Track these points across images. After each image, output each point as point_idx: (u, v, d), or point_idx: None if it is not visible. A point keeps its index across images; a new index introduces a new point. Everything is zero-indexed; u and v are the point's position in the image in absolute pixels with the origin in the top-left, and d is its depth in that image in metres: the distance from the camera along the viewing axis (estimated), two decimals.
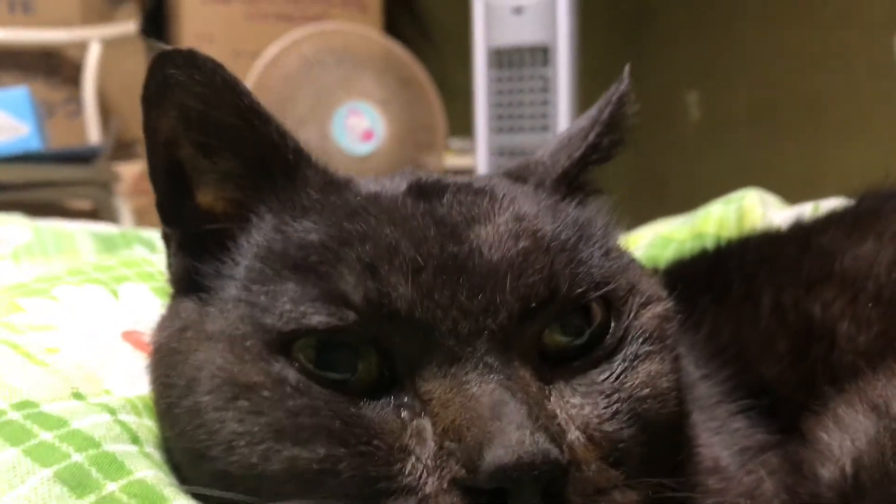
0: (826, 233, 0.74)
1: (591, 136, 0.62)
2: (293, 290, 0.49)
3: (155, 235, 1.55)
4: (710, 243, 1.08)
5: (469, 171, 3.45)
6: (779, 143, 3.56)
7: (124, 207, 2.67)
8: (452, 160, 3.55)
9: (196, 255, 0.57)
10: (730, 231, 1.10)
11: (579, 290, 0.51)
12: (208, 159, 0.56)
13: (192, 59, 0.52)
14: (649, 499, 0.49)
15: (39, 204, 2.50)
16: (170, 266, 0.60)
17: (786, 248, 0.77)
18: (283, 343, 0.48)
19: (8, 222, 1.42)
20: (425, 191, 0.55)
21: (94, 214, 2.64)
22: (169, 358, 0.53)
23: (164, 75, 0.52)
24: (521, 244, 0.51)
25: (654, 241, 1.15)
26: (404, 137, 2.97)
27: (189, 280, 0.57)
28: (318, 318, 0.47)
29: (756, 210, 1.09)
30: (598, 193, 0.64)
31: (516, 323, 0.48)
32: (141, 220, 2.81)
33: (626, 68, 0.65)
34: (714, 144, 4.00)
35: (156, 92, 0.54)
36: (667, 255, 1.12)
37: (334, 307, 0.47)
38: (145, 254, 1.39)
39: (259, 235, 0.54)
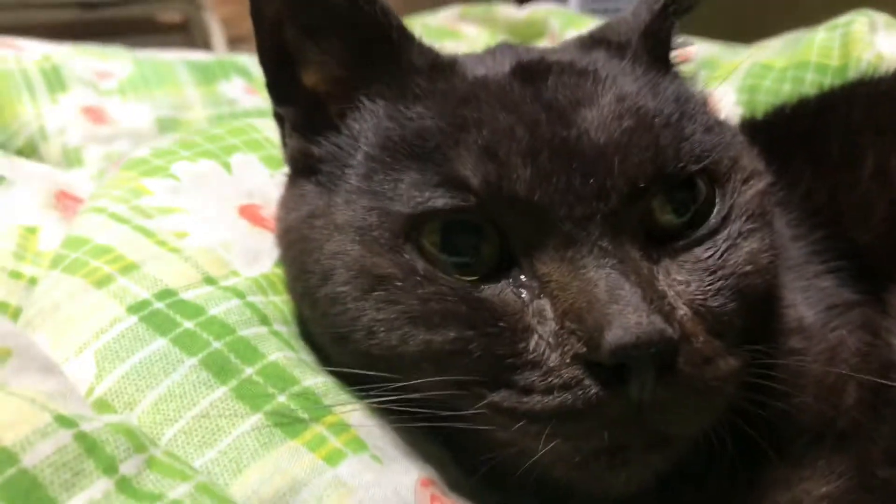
0: None
1: None
2: (415, 176, 0.52)
3: (249, 61, 1.57)
4: (811, 75, 1.04)
5: None
6: None
7: (213, 18, 2.67)
8: None
9: (310, 137, 0.60)
10: (833, 60, 1.05)
11: (683, 165, 0.53)
12: (313, 41, 0.58)
13: None
14: (746, 363, 0.53)
15: (130, 20, 2.53)
16: (285, 146, 0.64)
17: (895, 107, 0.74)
18: (409, 229, 0.51)
19: (110, 56, 1.46)
20: (530, 73, 0.56)
21: (184, 27, 2.65)
22: (302, 244, 0.57)
23: None
24: (626, 124, 0.52)
25: (752, 69, 1.11)
26: None
27: (305, 162, 0.60)
28: (441, 200, 0.50)
29: (863, 38, 1.02)
30: (686, 60, 0.63)
31: (626, 204, 0.50)
32: (230, 29, 2.82)
33: None
34: None
35: None
36: (766, 86, 1.08)
37: (456, 191, 0.50)
38: (246, 94, 1.42)
39: (373, 121, 0.56)
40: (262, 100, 1.37)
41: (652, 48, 0.61)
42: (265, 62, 0.60)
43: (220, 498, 0.42)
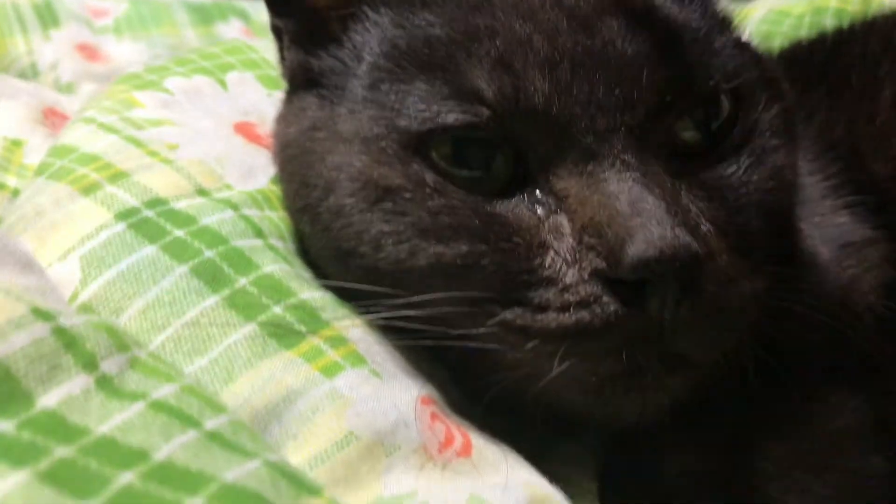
0: None
1: None
2: (424, 88, 0.49)
3: (247, 4, 1.54)
4: (830, 21, 1.01)
5: None
6: None
7: None
8: None
9: (310, 49, 0.57)
10: (853, 5, 1.02)
11: (712, 83, 0.50)
12: None
13: None
14: (770, 285, 0.51)
15: None
16: (283, 60, 0.61)
17: None
18: (418, 143, 0.49)
19: None
20: None
21: None
22: (303, 157, 0.55)
23: None
24: (655, 35, 0.49)
25: (768, 15, 1.08)
26: None
27: (305, 76, 0.57)
28: (452, 115, 0.48)
29: None
30: None
31: (652, 118, 0.48)
32: None
33: None
34: None
35: None
36: (782, 32, 1.06)
37: (468, 104, 0.48)
38: (244, 36, 1.39)
39: (378, 30, 0.54)
40: (260, 43, 1.34)
41: None
42: None
43: (208, 399, 0.39)
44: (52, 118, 0.71)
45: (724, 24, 0.55)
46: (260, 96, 0.72)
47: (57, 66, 1.21)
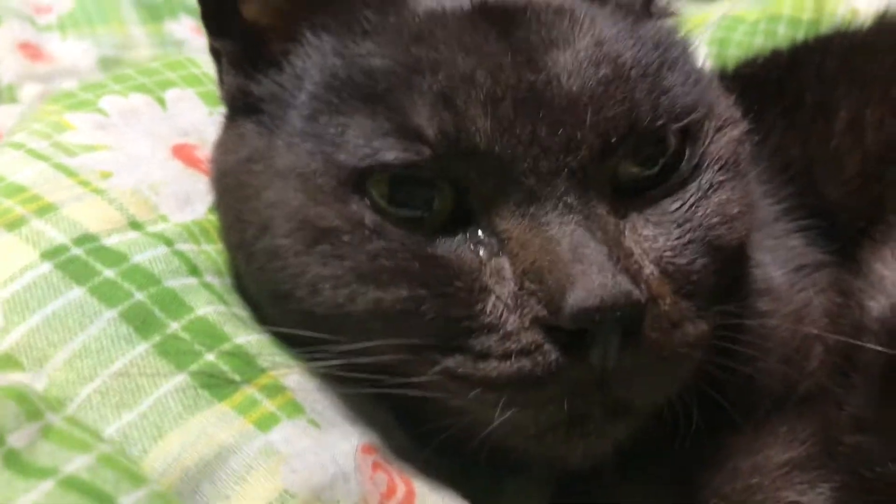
0: None
1: None
2: (363, 123, 0.47)
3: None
4: (784, 28, 1.01)
5: None
6: None
7: None
8: None
9: (249, 73, 0.55)
10: (806, 13, 1.03)
11: (660, 123, 0.49)
12: None
13: None
14: (714, 326, 0.50)
15: None
16: (222, 83, 0.59)
17: (872, 58, 0.71)
18: (357, 179, 0.47)
19: None
20: (495, 11, 0.52)
21: None
22: (238, 191, 0.53)
23: None
24: (602, 72, 0.48)
25: (723, 22, 1.08)
26: None
27: (244, 100, 0.55)
28: (392, 153, 0.46)
29: None
30: (672, 14, 0.59)
31: (596, 159, 0.47)
32: None
33: None
34: None
35: None
36: (736, 39, 1.06)
37: (408, 142, 0.46)
38: (193, 34, 1.36)
39: (318, 58, 0.52)
40: (204, 56, 1.32)
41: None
42: None
43: (125, 469, 0.37)
44: None
45: (677, 58, 0.53)
46: (201, 115, 0.69)
47: None
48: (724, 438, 0.57)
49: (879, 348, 0.54)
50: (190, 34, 1.41)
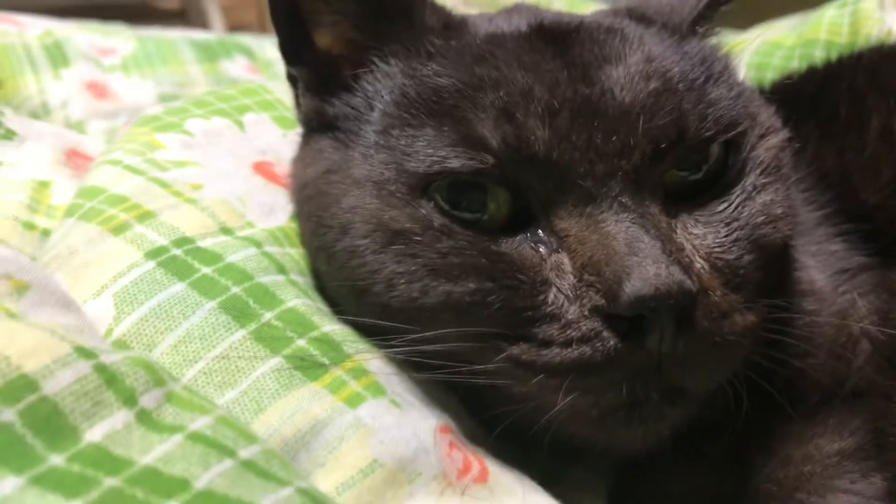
0: None
1: None
2: (431, 134, 0.52)
3: (252, 41, 1.57)
4: (820, 52, 1.04)
5: None
6: None
7: (212, 5, 2.66)
8: None
9: (324, 97, 0.60)
10: (842, 38, 1.05)
11: (708, 133, 0.53)
12: (324, 1, 0.58)
13: None
14: (763, 318, 0.53)
15: (126, 6, 2.51)
16: (298, 106, 0.64)
17: None
18: (425, 185, 0.51)
19: (112, 33, 1.46)
20: (551, 31, 0.56)
21: (182, 14, 2.64)
22: (319, 199, 0.57)
23: None
24: (652, 85, 0.52)
25: (761, 47, 1.11)
26: None
27: (319, 120, 0.60)
28: (459, 160, 0.50)
29: (873, 15, 1.03)
30: (718, 32, 0.63)
31: (648, 163, 0.51)
32: (230, 17, 2.81)
33: None
34: None
35: None
36: (774, 64, 1.08)
37: (474, 151, 0.50)
38: (248, 73, 1.42)
39: (389, 80, 0.56)
40: (264, 79, 1.37)
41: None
42: (277, 22, 0.60)
43: (241, 430, 0.41)
44: (75, 158, 0.73)
45: (721, 72, 0.57)
46: (276, 136, 0.74)
47: (67, 104, 1.23)
48: (777, 427, 0.60)
49: None
50: (244, 72, 1.47)
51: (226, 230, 0.59)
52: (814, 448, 0.60)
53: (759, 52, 1.10)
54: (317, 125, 0.61)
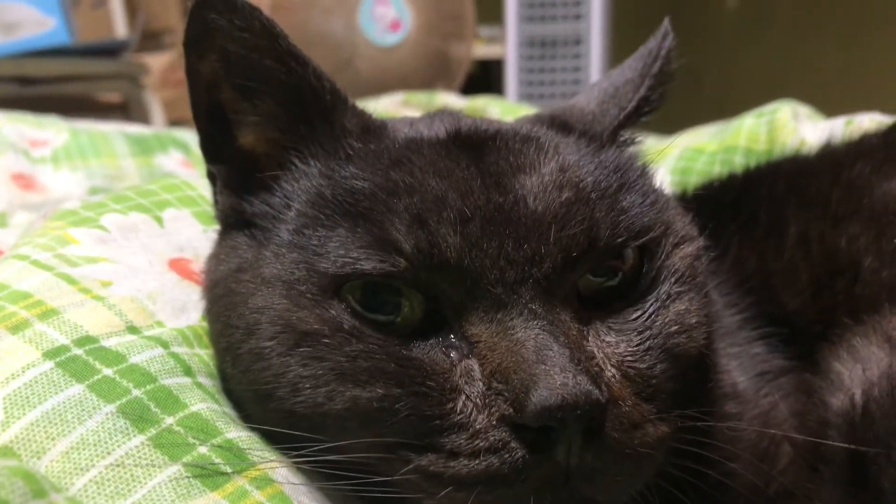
0: (855, 165, 0.74)
1: (643, 90, 0.63)
2: (345, 235, 0.51)
3: (188, 136, 1.57)
4: (740, 158, 1.08)
5: (498, 61, 3.40)
6: (820, 40, 3.44)
7: (153, 100, 2.67)
8: (481, 49, 3.48)
9: (241, 194, 0.59)
10: (760, 145, 1.10)
11: (619, 240, 0.53)
12: (248, 102, 0.58)
13: (232, 4, 0.53)
14: (677, 428, 0.52)
15: (69, 98, 2.51)
16: (216, 203, 0.63)
17: (815, 180, 0.77)
18: (336, 286, 0.51)
19: (46, 125, 1.45)
20: (468, 138, 0.57)
21: (123, 107, 2.64)
22: (227, 298, 0.56)
23: (204, 20, 0.54)
24: (565, 195, 0.52)
25: (685, 153, 1.15)
26: (432, 27, 2.91)
27: (237, 218, 0.59)
28: (370, 263, 0.50)
29: (788, 125, 1.08)
30: (637, 143, 0.65)
31: (559, 271, 0.50)
32: (171, 111, 2.82)
33: (666, 22, 0.65)
34: (751, 39, 3.86)
35: (196, 36, 0.55)
36: (697, 168, 1.12)
37: (386, 254, 0.50)
38: (182, 167, 1.41)
39: (307, 180, 0.56)
40: (199, 174, 1.37)
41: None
42: (199, 121, 0.60)
43: None
44: None
45: (635, 180, 0.58)
46: (196, 232, 0.73)
47: None
48: None
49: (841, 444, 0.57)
50: (178, 167, 1.47)
51: (133, 329, 0.57)
52: None
53: (683, 157, 1.13)
54: (234, 222, 0.60)
